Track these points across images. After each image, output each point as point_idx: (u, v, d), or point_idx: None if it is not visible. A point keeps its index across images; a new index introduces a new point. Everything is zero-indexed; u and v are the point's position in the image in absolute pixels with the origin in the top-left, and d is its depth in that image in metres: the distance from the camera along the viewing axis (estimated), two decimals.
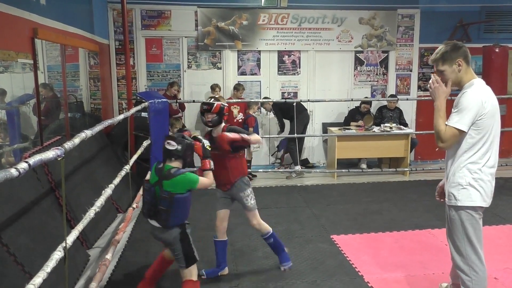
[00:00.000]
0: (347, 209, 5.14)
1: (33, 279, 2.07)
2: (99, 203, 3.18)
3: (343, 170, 6.73)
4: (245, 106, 6.98)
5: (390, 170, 6.91)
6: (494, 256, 3.77)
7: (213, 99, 3.31)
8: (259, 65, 7.46)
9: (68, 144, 2.43)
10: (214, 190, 3.42)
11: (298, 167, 6.71)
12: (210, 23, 7.12)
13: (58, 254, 2.32)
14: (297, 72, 7.56)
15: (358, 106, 7.39)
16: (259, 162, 7.30)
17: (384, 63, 7.75)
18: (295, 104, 6.53)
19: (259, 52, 7.40)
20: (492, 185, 2.64)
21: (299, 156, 6.72)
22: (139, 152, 5.12)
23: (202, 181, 2.77)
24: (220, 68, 7.36)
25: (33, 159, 1.95)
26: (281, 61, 7.49)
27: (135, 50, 7.08)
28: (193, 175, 2.72)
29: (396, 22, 7.58)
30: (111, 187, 3.63)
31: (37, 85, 3.99)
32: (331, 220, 4.76)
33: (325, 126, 7.57)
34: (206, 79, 7.26)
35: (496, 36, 7.40)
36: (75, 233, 2.72)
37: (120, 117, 4.24)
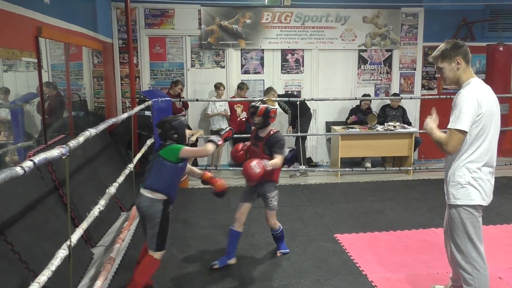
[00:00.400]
0: (351, 208, 5.13)
1: (38, 277, 2.08)
2: (103, 202, 3.19)
3: (347, 169, 6.71)
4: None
5: (394, 169, 6.88)
6: (498, 256, 3.76)
7: (260, 102, 3.54)
8: (262, 64, 7.45)
9: (73, 143, 2.44)
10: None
11: (302, 166, 6.71)
12: (213, 22, 7.12)
13: (62, 253, 2.33)
14: (301, 71, 7.55)
15: (359, 104, 7.38)
16: None
17: (388, 61, 7.73)
18: (298, 103, 6.51)
19: (263, 50, 7.39)
20: (491, 183, 2.65)
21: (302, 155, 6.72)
22: (143, 150, 5.13)
23: (185, 149, 2.98)
24: (223, 67, 7.36)
25: (38, 158, 1.95)
26: (284, 60, 7.49)
27: (139, 49, 7.09)
28: (177, 145, 2.96)
29: (400, 21, 7.55)
30: (115, 185, 3.64)
31: (41, 83, 4.00)
32: (335, 219, 4.75)
33: (329, 125, 7.56)
34: (210, 77, 7.27)
35: (500, 34, 7.37)
36: (79, 231, 2.73)
37: (124, 115, 4.25)
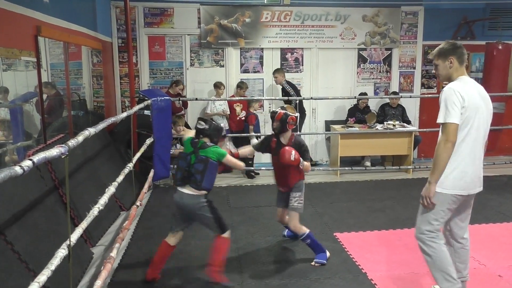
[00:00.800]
0: (350, 207, 5.13)
1: (37, 277, 2.07)
2: (102, 201, 3.18)
3: (346, 168, 6.71)
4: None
5: (393, 168, 6.88)
6: (498, 254, 3.77)
7: (280, 108, 3.61)
8: (262, 63, 7.45)
9: (72, 142, 2.43)
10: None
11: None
12: (213, 21, 7.11)
13: (62, 252, 2.32)
14: (300, 70, 7.55)
15: (357, 103, 7.37)
16: (261, 160, 7.29)
17: (388, 60, 7.72)
18: (297, 102, 6.51)
19: (262, 49, 7.39)
20: (475, 175, 2.73)
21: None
22: (142, 150, 5.12)
23: (230, 157, 3.21)
24: (222, 66, 7.35)
25: (38, 157, 1.95)
26: (284, 59, 7.48)
27: (138, 48, 7.08)
28: (221, 150, 3.17)
29: (400, 19, 7.55)
30: (114, 185, 3.64)
31: (40, 83, 3.99)
32: (334, 218, 4.75)
33: (328, 124, 7.56)
34: (209, 77, 7.26)
35: (501, 33, 7.37)
36: (79, 231, 2.72)
37: (123, 115, 4.24)
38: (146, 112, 6.03)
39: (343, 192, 5.81)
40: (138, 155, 4.92)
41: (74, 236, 2.58)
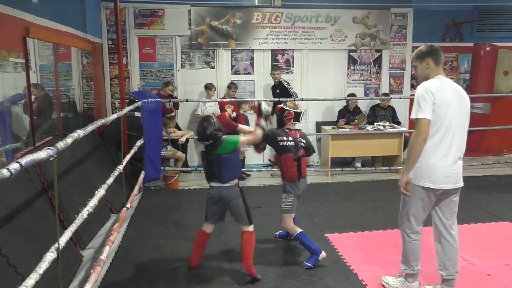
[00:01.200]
0: (341, 208, 5.15)
1: (25, 281, 2.05)
2: (92, 204, 3.16)
3: (337, 169, 6.74)
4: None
5: (384, 168, 6.92)
6: (486, 253, 3.81)
7: (283, 104, 3.79)
8: (252, 64, 7.46)
9: (61, 144, 2.41)
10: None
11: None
12: (203, 22, 7.11)
13: (51, 255, 2.30)
14: (291, 71, 7.57)
15: (346, 104, 7.41)
16: (252, 161, 7.30)
17: (378, 62, 7.78)
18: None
19: (253, 51, 7.40)
20: (448, 171, 2.81)
21: None
22: (132, 151, 5.10)
23: (242, 140, 3.38)
24: (213, 67, 7.35)
25: (25, 160, 1.93)
26: (274, 60, 7.49)
27: (128, 49, 7.05)
28: (232, 137, 3.32)
29: (389, 21, 7.61)
30: (104, 187, 3.61)
31: (29, 84, 3.95)
32: (325, 219, 4.77)
33: (319, 125, 7.59)
34: (200, 78, 7.25)
35: (488, 35, 7.46)
36: (68, 233, 2.70)
37: (113, 116, 4.21)
38: (137, 114, 6.01)
39: (334, 193, 5.83)
40: (128, 157, 4.89)
41: (63, 239, 2.55)
